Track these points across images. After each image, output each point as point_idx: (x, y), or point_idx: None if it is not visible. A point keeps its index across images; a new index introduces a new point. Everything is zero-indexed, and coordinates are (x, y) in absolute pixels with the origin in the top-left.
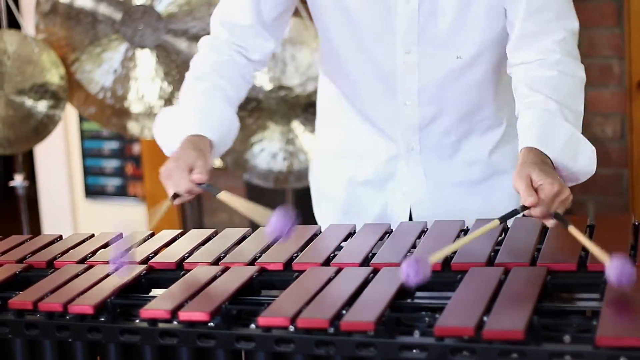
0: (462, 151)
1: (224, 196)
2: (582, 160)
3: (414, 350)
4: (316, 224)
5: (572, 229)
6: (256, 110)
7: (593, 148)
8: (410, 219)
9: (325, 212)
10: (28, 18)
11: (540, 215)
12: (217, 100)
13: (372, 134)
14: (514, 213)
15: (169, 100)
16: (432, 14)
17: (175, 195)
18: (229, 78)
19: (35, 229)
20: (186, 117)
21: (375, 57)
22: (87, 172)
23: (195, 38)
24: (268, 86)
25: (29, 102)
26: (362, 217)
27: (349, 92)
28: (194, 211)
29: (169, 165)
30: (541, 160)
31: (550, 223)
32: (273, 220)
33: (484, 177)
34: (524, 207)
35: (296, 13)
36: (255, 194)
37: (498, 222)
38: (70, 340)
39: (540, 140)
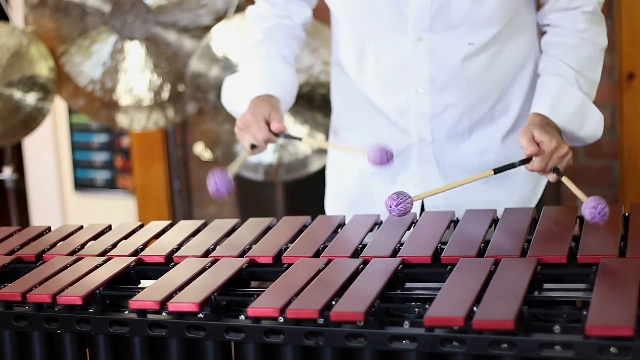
0: (474, 139)
1: (307, 140)
2: (588, 127)
3: (404, 341)
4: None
5: (565, 180)
6: None
7: (601, 115)
8: (422, 210)
9: (335, 204)
10: (17, 10)
11: (539, 168)
12: (276, 62)
13: (385, 125)
14: (510, 166)
15: (158, 93)
16: (445, 4)
17: (253, 146)
18: (281, 39)
19: (25, 222)
20: (252, 81)
21: (387, 45)
22: (76, 165)
23: (185, 30)
24: None
25: (17, 94)
26: (372, 209)
27: (361, 82)
28: (184, 203)
29: (246, 117)
30: (546, 123)
31: (550, 177)
32: (371, 153)
33: (498, 164)
34: (522, 162)
35: None
36: (245, 186)
37: (492, 172)
38: (59, 331)
39: (551, 109)
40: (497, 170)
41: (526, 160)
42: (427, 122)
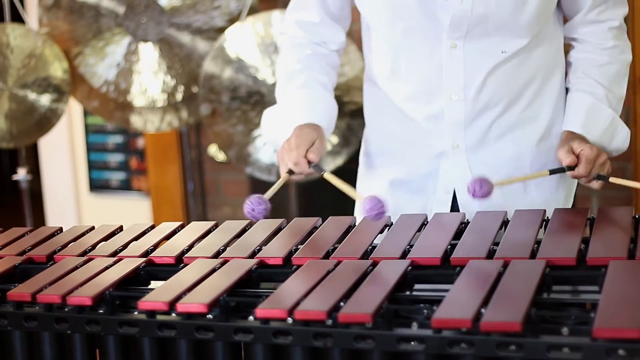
0: (507, 146)
1: (328, 176)
2: (617, 141)
3: (412, 343)
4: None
5: (614, 179)
6: (259, 103)
7: (628, 130)
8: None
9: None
10: (31, 12)
11: (584, 174)
12: (317, 90)
13: (417, 134)
14: (562, 170)
15: (172, 94)
16: (484, 16)
17: (291, 172)
18: (319, 68)
19: (40, 223)
20: (295, 109)
21: (421, 52)
22: (92, 166)
23: (198, 32)
24: (271, 80)
25: (32, 95)
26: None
27: (394, 90)
28: (198, 204)
29: (291, 140)
30: (580, 138)
31: (594, 185)
32: (365, 203)
33: (533, 171)
34: (570, 168)
35: None
36: (259, 188)
37: (548, 172)
38: (69, 332)
39: (584, 127)
40: (552, 172)
41: (572, 167)
42: (460, 129)
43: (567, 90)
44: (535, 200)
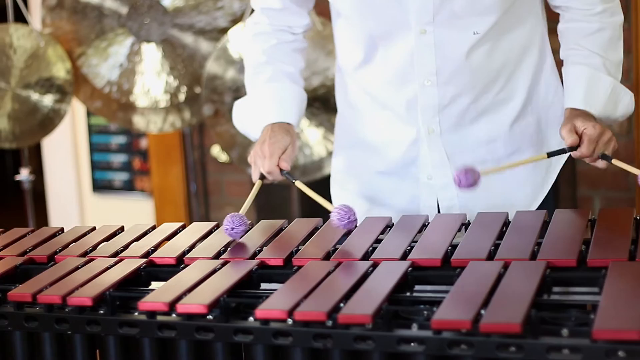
0: (481, 128)
1: (299, 184)
2: (622, 107)
3: (412, 344)
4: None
5: (616, 162)
6: None
7: (631, 94)
8: (438, 205)
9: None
10: (34, 12)
11: (587, 154)
12: (284, 84)
13: (392, 121)
14: (562, 151)
15: (174, 95)
16: None
17: (262, 177)
18: (285, 58)
19: (43, 223)
20: (264, 106)
21: (392, 39)
22: (95, 166)
23: (201, 32)
24: None
25: (35, 96)
26: (388, 208)
27: (367, 79)
28: (200, 205)
29: (264, 147)
30: (584, 114)
31: (599, 164)
32: (335, 213)
33: (507, 153)
34: (571, 148)
35: None
36: (261, 188)
37: (546, 155)
38: (69, 332)
39: (585, 101)
40: (550, 154)
41: (574, 148)
42: (434, 114)
43: (562, 62)
44: (509, 182)
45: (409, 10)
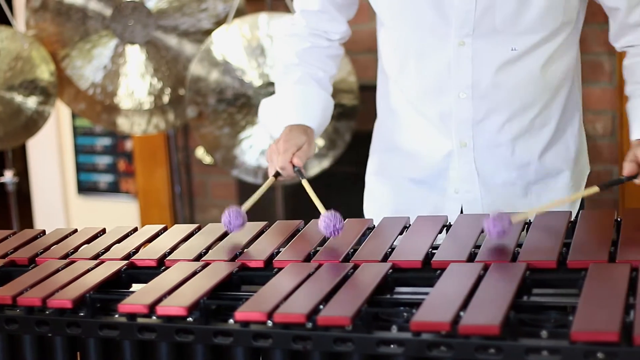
0: (516, 151)
1: (304, 183)
2: None
3: (392, 346)
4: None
5: None
6: (245, 106)
7: None
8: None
9: (374, 210)
10: (18, 14)
11: None
12: (311, 88)
13: (429, 131)
14: (617, 181)
15: (158, 97)
16: (490, 7)
17: (277, 174)
18: (317, 62)
19: (28, 225)
20: (287, 107)
21: (430, 49)
22: (80, 168)
23: (185, 34)
24: (257, 82)
25: (18, 98)
26: (412, 216)
27: (407, 87)
28: (185, 207)
29: (279, 144)
30: None
31: None
32: (322, 220)
33: (538, 178)
34: (629, 178)
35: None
36: (245, 190)
37: (597, 188)
38: (49, 335)
39: None
40: (603, 186)
41: (631, 177)
42: (468, 127)
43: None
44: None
45: (450, 22)
